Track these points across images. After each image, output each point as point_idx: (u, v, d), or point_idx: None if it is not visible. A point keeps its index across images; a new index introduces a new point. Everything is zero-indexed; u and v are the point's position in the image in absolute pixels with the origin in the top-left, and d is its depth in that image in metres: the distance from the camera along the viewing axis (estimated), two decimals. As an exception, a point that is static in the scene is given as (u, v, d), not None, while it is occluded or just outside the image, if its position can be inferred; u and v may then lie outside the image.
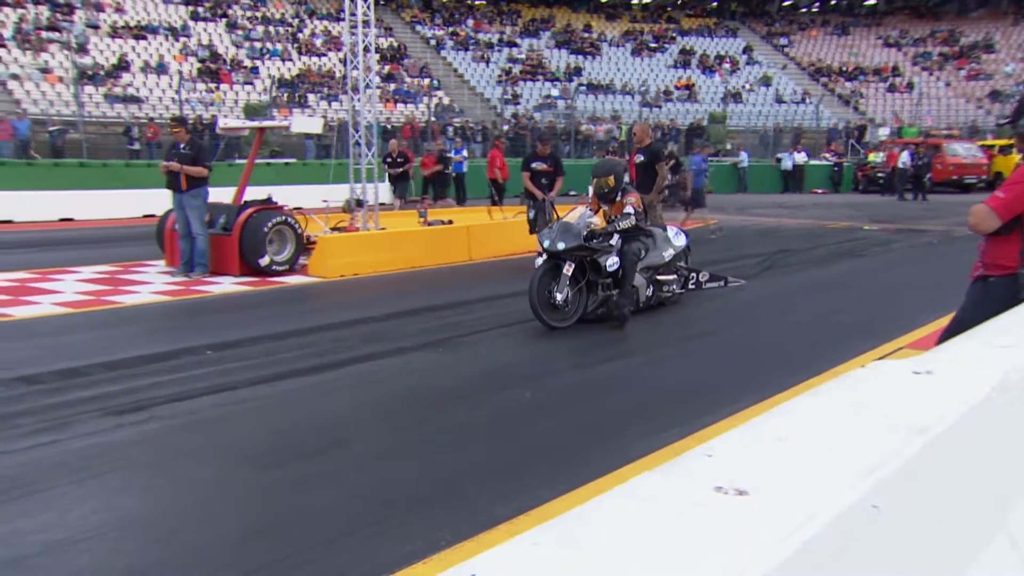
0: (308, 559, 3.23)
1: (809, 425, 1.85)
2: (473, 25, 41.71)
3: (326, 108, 30.79)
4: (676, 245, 8.47)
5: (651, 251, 8.05)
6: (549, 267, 7.26)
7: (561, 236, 7.30)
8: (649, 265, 7.98)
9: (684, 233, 8.82)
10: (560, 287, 7.18)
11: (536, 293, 7.09)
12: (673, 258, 8.36)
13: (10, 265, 10.96)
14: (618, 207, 7.78)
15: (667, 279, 8.27)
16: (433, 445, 4.60)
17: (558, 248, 7.23)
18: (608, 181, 7.78)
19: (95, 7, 32.45)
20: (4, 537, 3.33)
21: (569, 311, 7.30)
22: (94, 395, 5.34)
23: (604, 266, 7.41)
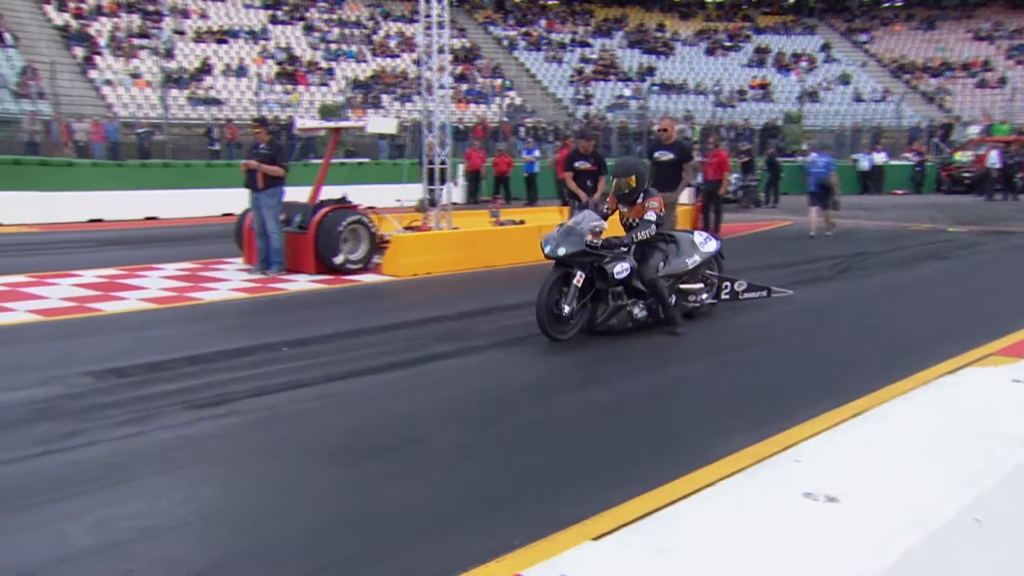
0: (383, 555, 3.26)
1: (900, 432, 1.79)
2: (546, 25, 41.68)
3: (399, 108, 31.18)
4: (703, 252, 7.78)
5: (673, 258, 7.48)
6: (559, 276, 6.78)
7: (563, 241, 6.80)
8: (671, 273, 7.40)
9: (714, 239, 8.17)
10: (568, 298, 6.72)
11: (545, 304, 6.63)
12: (699, 266, 7.70)
13: (100, 262, 11.39)
14: (638, 210, 7.24)
15: (692, 288, 7.68)
16: (505, 444, 4.61)
17: (559, 254, 6.74)
18: (629, 181, 7.23)
19: (182, 14, 33.51)
20: (98, 523, 3.46)
21: (573, 323, 6.82)
22: (177, 388, 5.50)
23: (611, 274, 6.83)
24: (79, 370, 5.89)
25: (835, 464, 1.57)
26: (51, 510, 3.61)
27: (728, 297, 8.14)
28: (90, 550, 3.26)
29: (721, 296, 8.07)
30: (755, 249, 14.13)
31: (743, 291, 8.23)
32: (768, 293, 8.50)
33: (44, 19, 30.22)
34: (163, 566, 3.14)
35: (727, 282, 8.14)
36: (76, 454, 4.29)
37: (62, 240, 14.84)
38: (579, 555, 1.15)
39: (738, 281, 8.21)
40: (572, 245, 6.73)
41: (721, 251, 8.13)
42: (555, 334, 6.69)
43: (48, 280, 9.85)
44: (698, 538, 1.26)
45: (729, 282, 8.16)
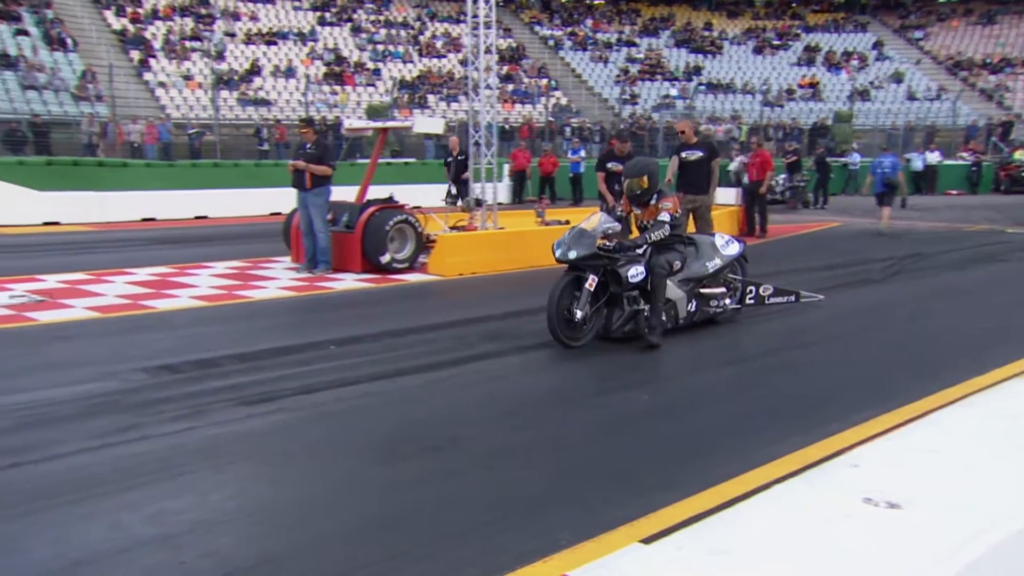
0: (429, 553, 3.28)
1: (962, 437, 1.74)
2: (592, 25, 41.57)
3: (445, 109, 31.34)
4: (725, 255, 7.48)
5: (692, 261, 7.22)
6: (570, 280, 6.55)
7: (574, 244, 6.55)
8: (690, 277, 7.13)
9: (737, 241, 7.84)
10: (581, 303, 6.48)
11: (556, 309, 6.39)
12: (720, 269, 7.40)
13: (153, 260, 11.64)
14: (652, 211, 6.93)
15: (713, 292, 7.37)
16: (552, 444, 4.60)
17: (570, 258, 6.52)
18: (641, 182, 6.91)
19: (233, 16, 34.09)
20: (153, 516, 3.53)
21: (586, 329, 6.61)
22: (227, 385, 5.59)
23: (625, 277, 6.56)
24: (134, 366, 6.01)
25: (895, 469, 1.53)
26: (109, 501, 3.69)
27: (753, 302, 7.83)
28: (146, 541, 3.32)
29: (745, 301, 7.76)
30: (802, 250, 13.93)
31: (769, 296, 7.90)
32: (796, 298, 8.14)
33: (103, 24, 30.98)
34: (214, 559, 3.19)
35: (751, 286, 7.83)
36: (132, 448, 4.39)
37: (117, 239, 15.18)
38: (632, 557, 1.14)
39: (763, 285, 7.90)
40: (583, 248, 6.50)
41: (745, 254, 7.82)
42: (567, 340, 6.48)
43: (104, 278, 10.08)
44: (756, 542, 1.24)
45: (754, 286, 7.85)
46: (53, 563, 3.14)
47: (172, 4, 33.06)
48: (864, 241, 14.45)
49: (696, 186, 9.68)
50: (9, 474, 4.02)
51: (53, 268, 10.71)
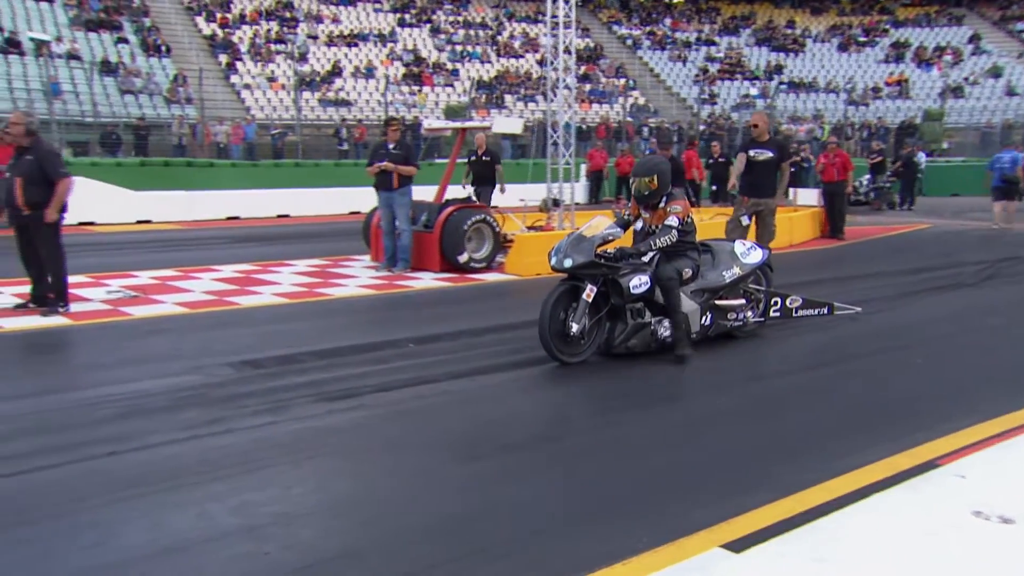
0: (508, 551, 3.28)
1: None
2: (671, 24, 41.15)
3: (522, 109, 31.42)
4: (745, 263, 6.91)
5: (708, 270, 6.70)
6: (566, 289, 6.08)
7: (571, 251, 6.07)
8: (705, 288, 6.61)
9: (761, 248, 7.26)
10: (577, 315, 6.00)
11: (548, 320, 5.93)
12: (739, 279, 6.84)
13: (237, 258, 11.98)
14: (660, 215, 6.42)
15: (731, 304, 6.82)
16: (630, 446, 4.57)
17: (565, 266, 6.05)
18: (650, 183, 6.36)
19: (315, 19, 34.87)
20: (238, 508, 3.63)
21: (584, 343, 6.13)
22: (308, 381, 5.70)
23: (626, 288, 6.10)
24: (219, 360, 6.20)
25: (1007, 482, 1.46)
26: (197, 491, 3.81)
27: (778, 315, 7.26)
28: (232, 531, 3.42)
29: (770, 314, 7.20)
30: (887, 254, 13.52)
31: (798, 308, 7.32)
32: (830, 310, 7.52)
33: (195, 30, 32.07)
34: (297, 551, 3.25)
35: (777, 298, 7.24)
36: (217, 440, 4.52)
37: (203, 237, 15.68)
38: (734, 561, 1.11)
39: (791, 297, 7.31)
40: (580, 255, 6.02)
41: (770, 263, 7.28)
42: (562, 356, 6.02)
43: (192, 274, 10.42)
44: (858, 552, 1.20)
45: (779, 298, 7.26)
46: (146, 548, 3.26)
47: (258, 8, 34.01)
48: (955, 243, 13.94)
49: (761, 189, 9.14)
50: (108, 461, 4.19)
51: (145, 265, 11.13)
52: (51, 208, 7.55)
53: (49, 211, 7.55)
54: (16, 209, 7.58)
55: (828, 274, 11.14)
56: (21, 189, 7.48)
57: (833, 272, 11.40)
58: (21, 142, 7.64)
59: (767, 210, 9.15)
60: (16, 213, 7.63)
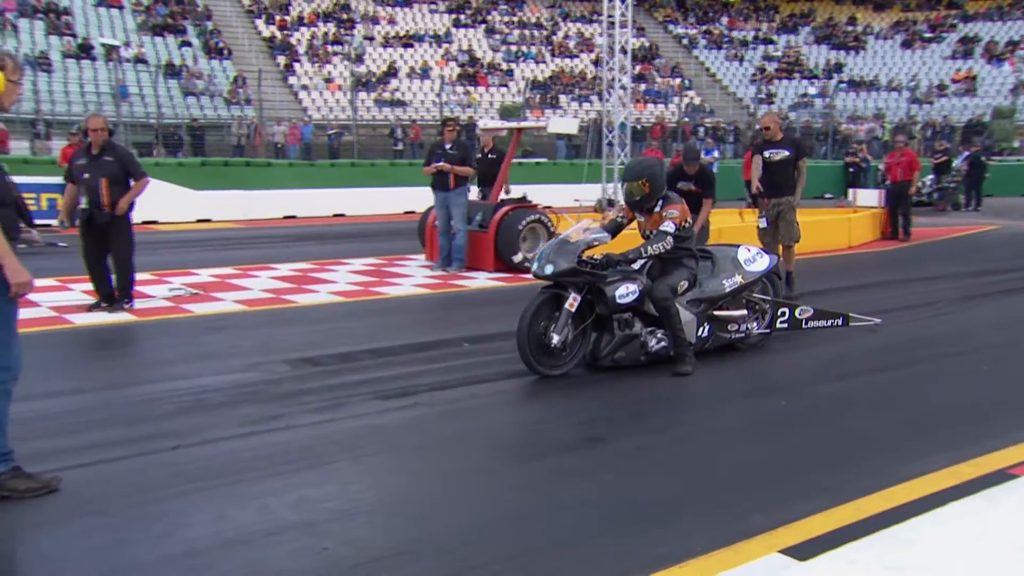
0: (562, 551, 3.28)
1: None
2: (727, 23, 40.65)
3: (577, 109, 31.37)
4: (748, 271, 6.50)
5: (707, 279, 6.31)
6: (548, 298, 5.76)
7: (553, 257, 5.72)
8: (702, 297, 6.21)
9: (768, 255, 6.83)
10: (559, 326, 5.67)
11: (528, 330, 5.61)
12: (741, 288, 6.44)
13: (294, 256, 12.18)
14: (656, 220, 6.03)
15: (731, 315, 6.41)
16: (684, 447, 4.54)
17: (546, 272, 5.70)
18: (642, 186, 5.96)
19: (372, 20, 35.27)
20: (297, 503, 3.69)
21: (567, 355, 5.79)
22: (365, 379, 5.77)
23: (612, 297, 5.73)
24: (277, 358, 6.31)
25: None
26: (258, 486, 3.88)
27: (786, 327, 6.84)
28: (291, 525, 3.48)
29: (776, 325, 6.78)
30: (953, 256, 13.17)
31: (808, 319, 6.89)
32: (845, 321, 7.09)
33: (255, 32, 32.70)
34: (354, 547, 3.30)
35: (784, 308, 6.84)
36: (277, 436, 4.60)
37: (261, 235, 15.98)
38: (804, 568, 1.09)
39: (800, 307, 6.93)
40: (562, 261, 5.66)
41: (777, 270, 6.90)
42: (542, 368, 5.69)
43: (251, 273, 10.62)
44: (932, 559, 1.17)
45: (787, 308, 6.85)
46: (210, 540, 3.33)
47: (316, 10, 34.52)
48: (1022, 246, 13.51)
49: (780, 188, 8.95)
50: (172, 455, 4.30)
51: (205, 263, 11.39)
52: (123, 200, 7.79)
53: (121, 202, 7.78)
54: (100, 210, 7.82)
55: (889, 276, 10.91)
56: (107, 189, 7.71)
57: (894, 274, 11.16)
58: (103, 144, 7.88)
59: (787, 208, 8.95)
60: (97, 213, 7.85)
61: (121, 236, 7.91)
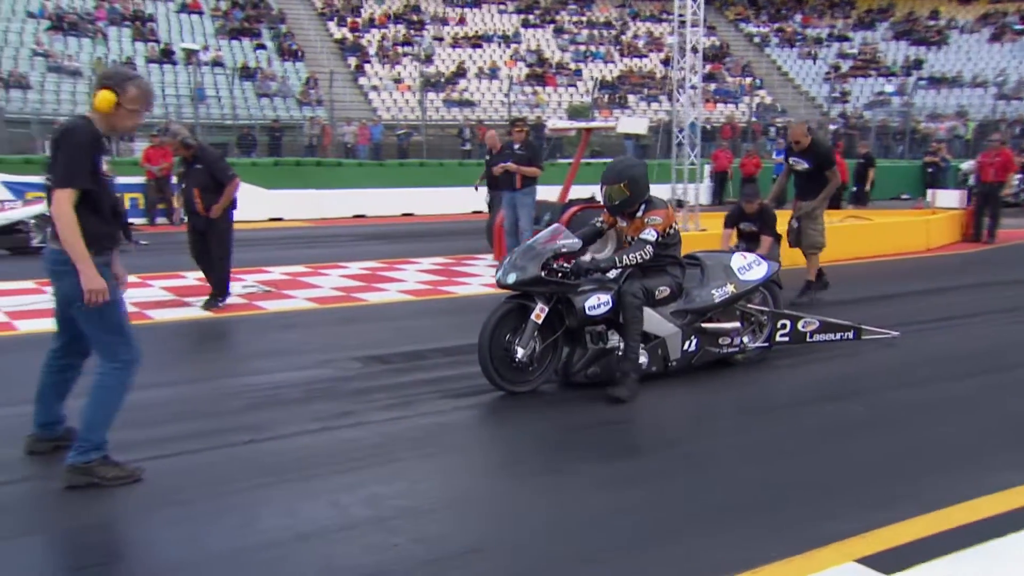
0: (631, 553, 3.26)
1: None
2: (801, 20, 39.82)
3: (645, 109, 31.12)
4: (742, 280, 5.99)
5: (695, 288, 5.86)
6: (512, 308, 5.34)
7: (517, 264, 5.34)
8: (689, 308, 5.76)
9: (766, 261, 6.31)
10: (524, 339, 5.25)
11: (489, 343, 5.21)
12: (733, 298, 5.94)
13: (364, 255, 12.36)
14: (637, 226, 5.59)
15: (722, 328, 5.92)
16: (760, 452, 4.45)
17: (508, 281, 5.30)
18: (621, 189, 5.53)
19: (441, 21, 35.58)
20: (368, 499, 3.74)
21: (534, 371, 5.37)
22: (433, 377, 5.82)
23: (581, 308, 5.30)
24: (348, 355, 6.40)
25: None
26: (329, 482, 3.95)
27: (788, 340, 6.35)
28: (362, 521, 3.52)
29: (776, 338, 6.30)
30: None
31: (813, 331, 6.42)
32: (856, 334, 6.61)
33: (326, 34, 33.29)
34: (424, 545, 3.32)
35: (785, 320, 6.33)
36: (348, 433, 4.67)
37: (331, 234, 16.26)
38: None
39: (804, 319, 6.40)
40: (526, 270, 5.28)
41: (777, 279, 6.38)
42: (506, 384, 5.29)
43: (321, 271, 10.82)
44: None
45: (788, 320, 6.34)
46: (281, 534, 3.40)
47: (387, 12, 34.97)
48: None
49: (804, 196, 8.68)
50: (246, 449, 4.40)
51: (277, 261, 11.64)
52: (217, 206, 8.01)
53: (215, 208, 8.00)
54: (197, 216, 8.09)
55: (969, 280, 10.55)
56: (200, 198, 7.95)
57: (974, 278, 10.78)
58: (184, 153, 8.12)
59: (803, 214, 8.69)
60: (194, 219, 8.16)
61: (217, 237, 8.14)
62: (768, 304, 6.35)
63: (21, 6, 28.70)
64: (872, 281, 10.30)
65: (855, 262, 11.61)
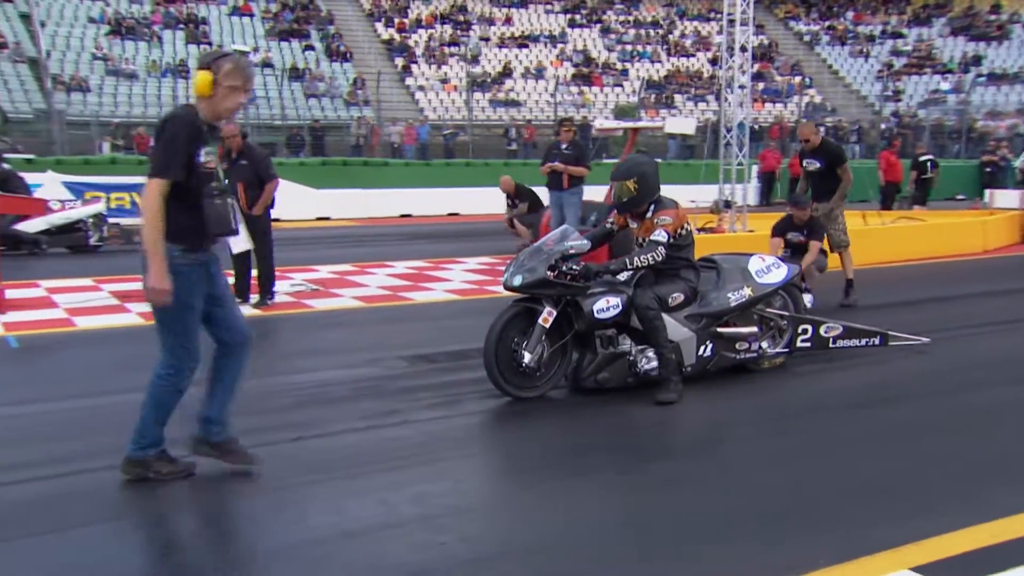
0: (675, 556, 3.23)
1: None
2: (853, 17, 39.10)
3: (692, 108, 30.85)
4: (760, 283, 5.79)
5: (711, 291, 5.66)
6: (519, 312, 5.24)
7: (524, 266, 5.23)
8: (703, 312, 5.56)
9: (786, 264, 6.10)
10: (532, 343, 5.13)
11: (495, 347, 5.11)
12: (750, 303, 5.73)
13: (410, 254, 12.45)
14: (647, 227, 5.46)
15: (739, 333, 5.72)
16: (807, 457, 4.37)
17: (514, 284, 5.20)
18: (629, 186, 5.41)
19: (488, 22, 35.67)
20: (416, 497, 3.76)
21: (542, 376, 5.24)
22: (478, 377, 5.77)
23: (589, 311, 5.17)
24: (394, 354, 6.44)
25: None
26: (376, 480, 3.98)
27: (809, 345, 6.13)
28: (409, 519, 3.54)
29: (797, 344, 6.07)
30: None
31: (836, 337, 6.19)
32: (882, 340, 6.38)
33: (374, 35, 33.60)
34: (470, 544, 3.33)
35: (807, 325, 6.10)
36: (394, 431, 4.70)
37: (378, 233, 16.41)
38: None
39: (826, 324, 6.18)
40: (532, 272, 5.16)
41: (795, 281, 6.20)
42: (512, 389, 5.16)
43: (368, 270, 10.92)
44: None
45: (810, 325, 6.11)
46: (328, 531, 3.43)
47: (434, 13, 35.16)
48: None
49: (819, 196, 8.56)
50: (294, 447, 4.46)
51: (324, 259, 11.78)
52: (258, 205, 8.13)
53: (257, 205, 8.12)
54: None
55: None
56: (243, 193, 8.08)
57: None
58: (238, 144, 8.25)
59: (821, 215, 8.53)
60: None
61: (260, 234, 8.25)
62: (789, 309, 6.14)
63: (83, 12, 29.46)
64: (921, 283, 10.09)
65: (908, 264, 11.38)
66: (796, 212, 8.41)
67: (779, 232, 8.48)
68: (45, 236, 12.10)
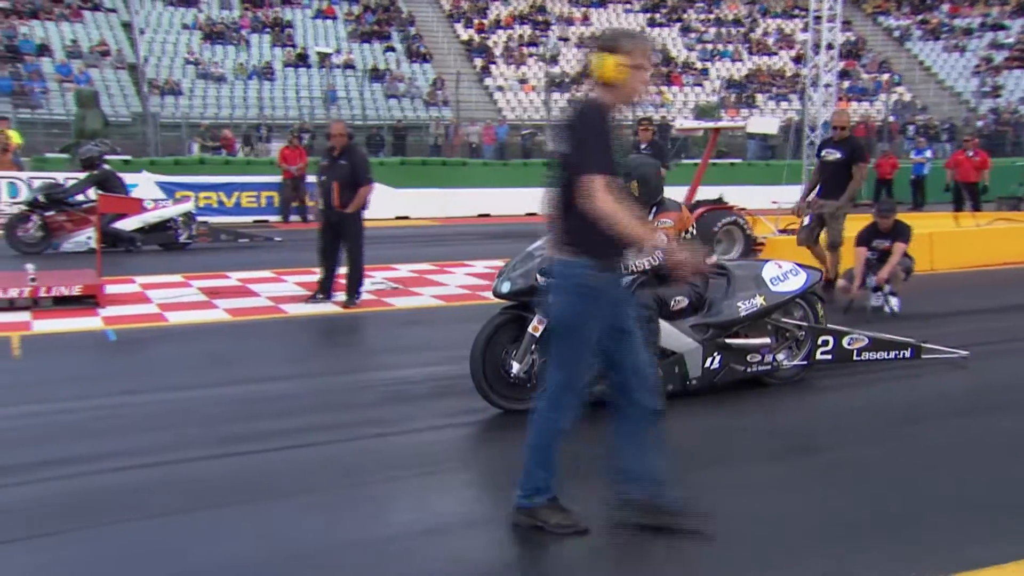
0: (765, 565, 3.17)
1: None
2: (948, 11, 37.63)
3: (774, 108, 30.22)
4: (774, 292, 5.41)
5: (720, 299, 5.32)
6: (508, 320, 4.99)
7: (512, 272, 5.00)
8: (710, 322, 5.25)
9: (804, 271, 5.64)
10: (520, 352, 4.86)
11: (481, 356, 4.87)
12: (762, 312, 5.36)
13: (488, 254, 12.46)
14: None
15: (751, 344, 5.37)
16: (901, 464, 4.24)
17: (502, 291, 4.97)
18: (631, 188, 5.13)
19: (566, 22, 35.63)
20: (494, 496, 3.79)
21: (532, 387, 4.81)
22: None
23: None
24: (472, 353, 6.48)
25: None
26: (456, 477, 4.04)
27: (830, 358, 5.74)
28: (488, 518, 3.58)
29: (816, 356, 5.67)
30: None
31: (860, 349, 5.81)
32: (914, 352, 5.99)
33: (453, 36, 33.93)
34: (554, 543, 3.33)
35: (827, 336, 5.71)
36: (473, 430, 4.75)
37: (457, 233, 16.52)
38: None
39: (850, 335, 5.80)
40: (522, 278, 4.89)
41: (816, 290, 5.80)
42: (500, 400, 4.90)
43: (447, 269, 11.02)
44: None
45: (832, 336, 5.73)
46: (412, 527, 3.48)
47: (513, 13, 35.31)
48: None
49: (830, 190, 8.25)
50: (376, 442, 4.55)
51: (405, 258, 11.92)
52: (353, 204, 8.25)
53: (351, 205, 8.24)
54: (331, 209, 8.38)
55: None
56: (338, 192, 8.25)
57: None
58: (343, 142, 8.38)
59: (827, 212, 8.16)
60: (330, 212, 8.42)
61: (351, 234, 8.41)
62: (808, 319, 5.74)
63: (178, 19, 30.59)
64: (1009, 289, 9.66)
65: (1004, 267, 10.93)
66: (881, 220, 8.11)
67: (863, 241, 8.18)
68: (139, 234, 12.58)
